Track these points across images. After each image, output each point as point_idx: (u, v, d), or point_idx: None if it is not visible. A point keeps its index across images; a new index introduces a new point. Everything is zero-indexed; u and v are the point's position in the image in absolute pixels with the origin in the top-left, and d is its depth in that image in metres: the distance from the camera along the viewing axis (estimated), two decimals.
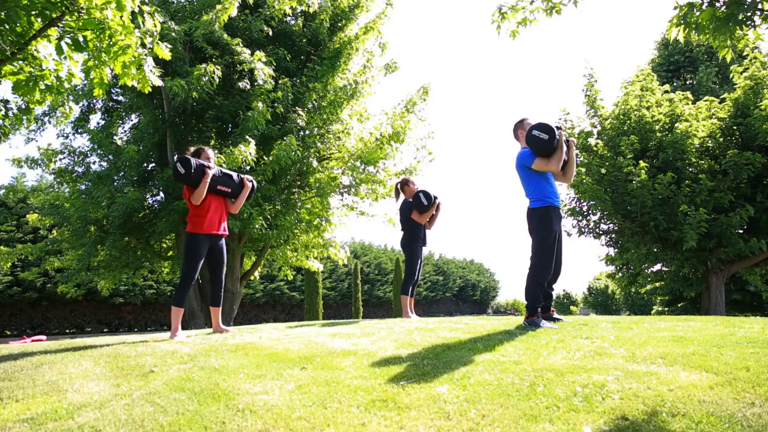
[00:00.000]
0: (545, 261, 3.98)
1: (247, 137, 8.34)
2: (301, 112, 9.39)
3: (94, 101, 11.38)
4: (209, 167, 4.47)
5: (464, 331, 3.87)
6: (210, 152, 4.67)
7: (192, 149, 4.66)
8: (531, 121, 4.23)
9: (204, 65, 8.42)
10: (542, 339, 3.31)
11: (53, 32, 3.79)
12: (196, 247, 4.48)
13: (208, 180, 4.43)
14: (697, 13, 3.43)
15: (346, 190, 10.65)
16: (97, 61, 3.85)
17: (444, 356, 2.94)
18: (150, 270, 12.72)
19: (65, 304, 20.99)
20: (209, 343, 3.85)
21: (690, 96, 11.39)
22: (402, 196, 6.14)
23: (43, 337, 8.74)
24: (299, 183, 10.19)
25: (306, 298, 23.49)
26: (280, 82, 9.21)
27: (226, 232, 4.73)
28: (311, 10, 10.00)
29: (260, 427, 2.02)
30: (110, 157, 10.32)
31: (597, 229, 12.40)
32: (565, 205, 12.49)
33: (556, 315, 4.33)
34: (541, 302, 4.08)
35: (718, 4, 3.35)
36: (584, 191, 11.30)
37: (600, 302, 43.12)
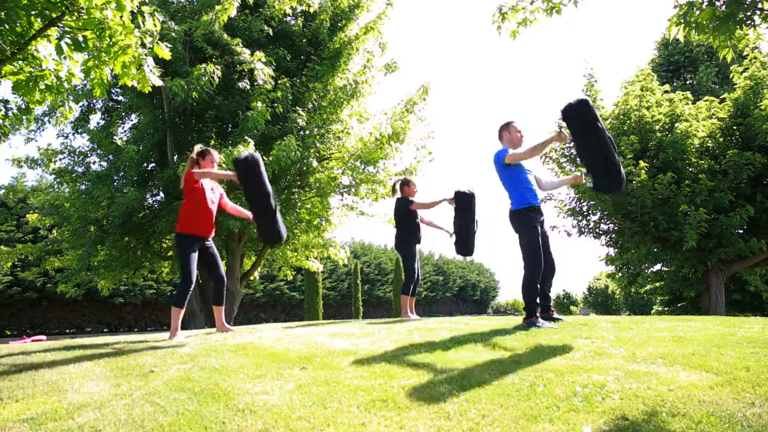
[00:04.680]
0: (534, 257, 4.06)
1: (246, 137, 8.33)
2: (301, 112, 9.39)
3: (94, 101, 11.38)
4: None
5: (464, 331, 3.87)
6: (215, 154, 4.64)
7: (197, 150, 4.60)
8: (517, 125, 4.31)
9: (204, 65, 8.42)
10: (542, 339, 3.31)
11: (53, 32, 3.79)
12: (186, 245, 4.49)
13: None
14: (697, 13, 3.43)
15: (346, 190, 10.66)
16: (97, 61, 3.85)
17: (444, 356, 2.94)
18: (150, 270, 12.71)
19: (65, 304, 20.99)
20: (209, 343, 3.85)
21: (690, 96, 11.36)
22: (398, 194, 6.08)
23: (43, 337, 8.72)
24: (299, 183, 10.19)
25: (306, 298, 23.49)
26: (279, 82, 9.20)
27: (210, 237, 4.73)
28: (311, 10, 10.00)
29: (260, 427, 2.02)
30: (110, 157, 10.31)
31: (597, 229, 12.38)
32: (565, 205, 12.46)
33: (555, 315, 4.34)
34: (539, 302, 4.11)
35: (718, 4, 3.35)
36: (584, 191, 11.29)
37: (600, 302, 43.08)
